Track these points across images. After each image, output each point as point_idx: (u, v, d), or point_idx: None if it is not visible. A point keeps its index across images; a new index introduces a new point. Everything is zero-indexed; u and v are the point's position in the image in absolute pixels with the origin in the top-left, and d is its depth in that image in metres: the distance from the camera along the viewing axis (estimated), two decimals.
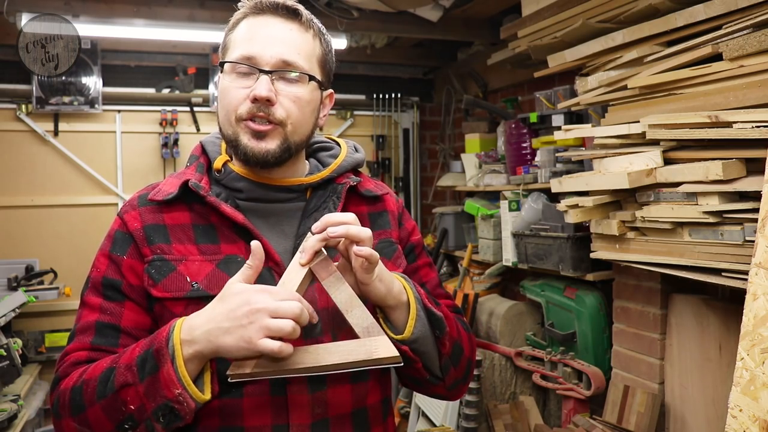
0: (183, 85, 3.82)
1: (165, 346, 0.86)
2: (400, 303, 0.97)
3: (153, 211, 1.03)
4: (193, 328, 0.86)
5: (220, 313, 0.85)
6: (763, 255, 1.25)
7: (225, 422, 0.96)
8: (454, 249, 3.62)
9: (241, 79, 1.00)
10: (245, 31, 1.02)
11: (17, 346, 2.71)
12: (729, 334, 2.02)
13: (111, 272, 1.01)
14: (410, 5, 3.01)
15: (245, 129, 0.99)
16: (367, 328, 0.90)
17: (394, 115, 4.30)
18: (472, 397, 2.75)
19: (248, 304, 0.84)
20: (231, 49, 1.03)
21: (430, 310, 1.00)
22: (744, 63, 1.68)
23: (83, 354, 0.98)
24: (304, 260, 0.91)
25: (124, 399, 0.87)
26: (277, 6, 1.02)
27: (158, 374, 0.85)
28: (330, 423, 1.00)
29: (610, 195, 2.04)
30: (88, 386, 0.91)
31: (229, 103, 1.00)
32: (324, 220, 0.91)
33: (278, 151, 1.00)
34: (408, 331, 0.96)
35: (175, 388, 0.84)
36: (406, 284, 1.00)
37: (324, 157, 1.14)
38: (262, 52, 0.99)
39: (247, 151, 1.00)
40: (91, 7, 2.95)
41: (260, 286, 0.86)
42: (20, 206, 3.56)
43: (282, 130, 1.00)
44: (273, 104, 0.99)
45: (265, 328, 0.82)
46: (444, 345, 1.02)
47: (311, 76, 1.03)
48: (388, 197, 1.17)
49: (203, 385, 0.88)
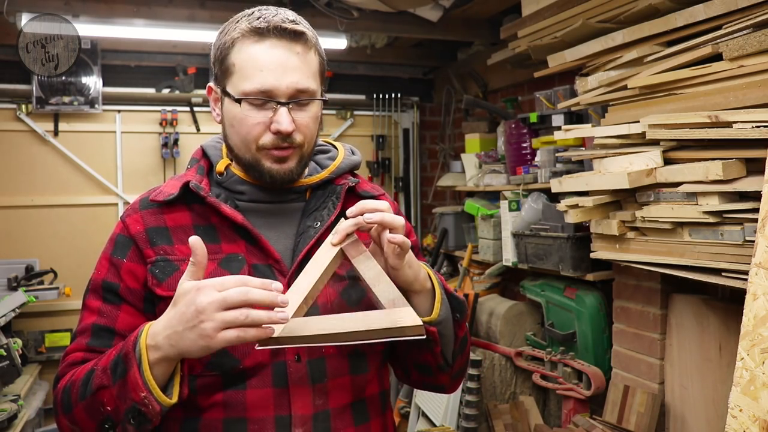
0: (183, 85, 3.82)
1: (132, 350, 0.88)
2: (425, 289, 1.01)
3: (154, 213, 1.06)
4: (156, 333, 0.88)
5: (173, 317, 0.86)
6: (763, 255, 1.25)
7: (228, 414, 0.99)
8: (454, 249, 3.62)
9: (257, 110, 1.01)
10: (252, 59, 1.00)
11: (17, 346, 2.71)
12: (729, 334, 2.02)
13: (110, 275, 1.04)
14: (410, 5, 3.01)
15: (267, 155, 1.03)
16: (393, 300, 0.92)
17: (394, 115, 4.30)
18: (472, 397, 2.75)
19: (194, 303, 0.84)
20: (239, 77, 1.01)
21: (453, 295, 1.07)
22: (744, 63, 1.68)
23: (80, 355, 1.02)
24: (336, 240, 0.95)
25: (102, 400, 0.90)
26: (283, 30, 1.01)
27: (126, 377, 0.87)
28: (331, 414, 1.02)
29: (610, 195, 2.04)
30: (74, 386, 0.95)
31: (248, 133, 1.02)
32: (360, 206, 0.94)
33: (298, 168, 1.06)
34: (435, 312, 1.01)
35: (141, 391, 0.86)
36: (430, 271, 1.04)
37: (322, 160, 1.17)
38: (278, 84, 1.00)
39: (272, 174, 1.04)
40: (91, 7, 2.95)
41: (202, 282, 0.85)
42: (20, 206, 3.56)
43: (300, 150, 1.05)
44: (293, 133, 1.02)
45: (219, 322, 0.82)
46: (462, 328, 1.09)
47: (321, 97, 1.06)
48: (384, 199, 1.19)
49: (172, 388, 0.89)
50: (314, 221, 1.07)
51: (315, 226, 1.06)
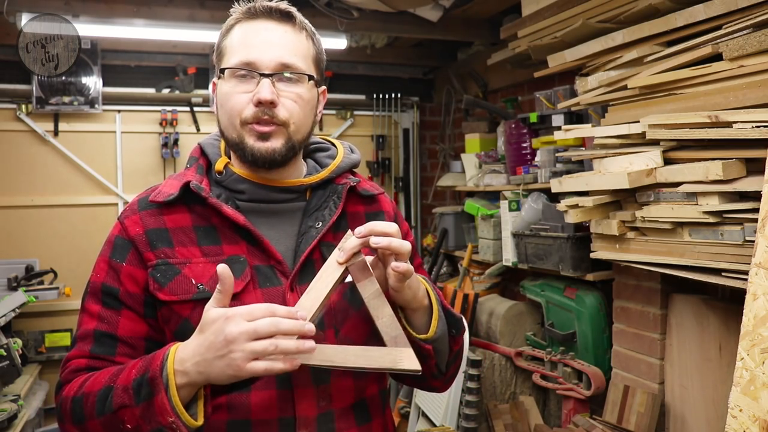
0: (183, 85, 3.82)
1: (159, 375, 0.87)
2: (422, 306, 1.02)
3: (154, 215, 1.04)
4: (184, 360, 0.88)
5: (202, 345, 0.86)
6: (763, 255, 1.25)
7: (233, 416, 0.98)
8: (454, 249, 3.62)
9: (241, 83, 1.02)
10: (241, 37, 1.04)
11: (17, 346, 2.71)
12: (729, 334, 2.02)
13: (110, 279, 1.03)
14: (410, 5, 3.01)
15: (250, 132, 1.02)
16: (395, 337, 0.95)
17: (394, 115, 4.30)
18: (472, 397, 2.75)
19: (223, 333, 0.84)
20: (228, 55, 1.05)
21: (449, 311, 1.08)
22: (744, 63, 1.68)
23: (83, 361, 1.01)
24: (342, 260, 0.95)
25: (122, 418, 0.90)
26: (271, 10, 1.04)
27: (153, 401, 0.87)
28: (334, 415, 1.02)
29: (610, 195, 2.04)
30: (88, 400, 0.94)
31: (232, 108, 1.02)
32: (369, 227, 0.94)
33: (283, 149, 1.03)
34: (432, 330, 1.02)
35: (169, 416, 0.86)
36: (429, 287, 1.05)
37: (321, 158, 1.16)
38: (261, 56, 1.01)
39: (254, 152, 1.02)
40: (91, 7, 2.95)
41: (231, 311, 0.86)
42: (20, 206, 3.56)
43: (285, 129, 1.03)
44: (276, 106, 1.01)
45: (249, 353, 0.83)
46: (457, 343, 1.10)
47: (309, 76, 1.05)
48: (383, 197, 1.20)
49: (196, 409, 0.89)
50: (316, 221, 1.07)
51: (317, 226, 1.06)
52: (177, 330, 1.00)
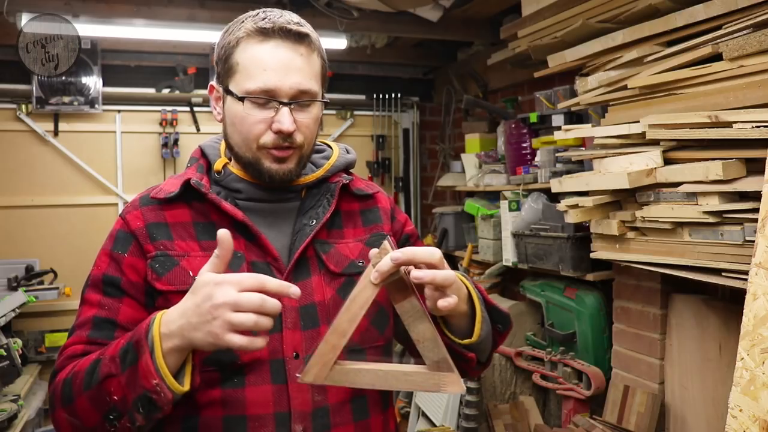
0: (183, 85, 3.82)
1: (144, 337, 0.87)
2: (463, 312, 1.00)
3: (154, 210, 1.07)
4: (170, 322, 0.87)
5: (189, 308, 0.86)
6: (763, 255, 1.25)
7: (228, 411, 0.98)
8: (454, 249, 3.62)
9: (259, 109, 1.02)
10: (256, 59, 1.02)
11: (17, 346, 2.71)
12: (729, 334, 2.02)
13: (111, 269, 1.04)
14: (410, 5, 3.01)
15: (267, 155, 1.04)
16: (437, 362, 0.88)
17: (394, 115, 4.30)
18: (472, 397, 2.75)
19: (210, 298, 0.83)
20: (242, 76, 1.02)
21: (494, 308, 1.08)
22: (744, 63, 1.68)
23: (79, 347, 1.00)
24: (377, 281, 0.87)
25: (108, 390, 0.89)
26: (288, 32, 1.02)
27: (137, 365, 0.86)
28: (330, 410, 1.02)
29: (610, 195, 2.04)
30: (77, 377, 0.93)
31: (249, 132, 1.03)
32: (410, 255, 0.86)
33: (297, 169, 1.07)
34: (476, 335, 1.00)
35: (153, 378, 0.85)
36: (470, 286, 1.03)
37: (317, 159, 1.17)
38: (281, 84, 1.01)
39: (271, 174, 1.04)
40: (91, 7, 2.95)
41: (221, 277, 0.85)
42: (20, 206, 3.56)
43: (300, 150, 1.05)
44: (294, 133, 1.03)
45: (228, 322, 0.82)
46: (503, 338, 1.11)
47: (322, 98, 1.08)
48: (380, 195, 1.21)
49: (183, 377, 0.88)
50: (310, 219, 1.08)
51: (311, 224, 1.08)
52: None
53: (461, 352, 1.00)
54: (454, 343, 1.00)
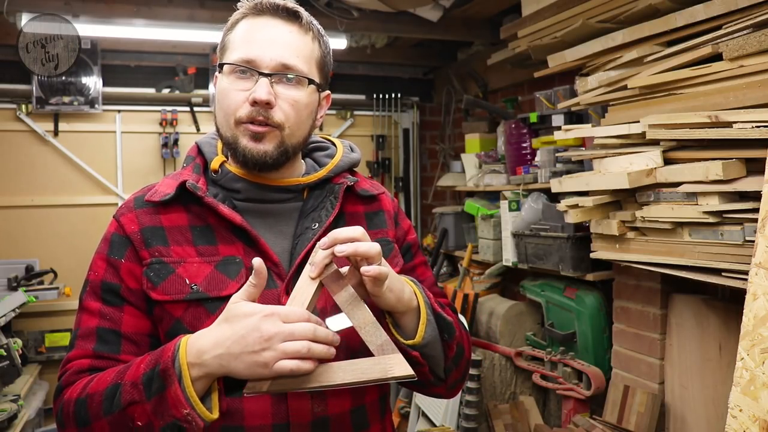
0: (183, 85, 3.82)
1: (171, 365, 0.85)
2: (410, 309, 0.97)
3: (150, 213, 1.03)
4: (202, 351, 0.85)
5: (229, 338, 0.84)
6: (763, 255, 1.25)
7: (226, 422, 0.96)
8: (454, 249, 3.62)
9: (240, 81, 1.00)
10: (244, 32, 1.02)
11: (17, 346, 2.71)
12: (729, 334, 2.02)
13: (109, 276, 1.01)
14: (410, 5, 3.01)
15: (244, 131, 0.99)
16: (381, 345, 0.90)
17: (394, 115, 4.30)
18: (472, 397, 2.75)
19: (258, 330, 0.83)
20: (230, 50, 1.02)
21: (440, 315, 1.02)
22: (744, 63, 1.68)
23: (86, 362, 0.97)
24: (314, 274, 0.90)
25: (132, 416, 0.87)
26: (278, 7, 1.02)
27: (165, 393, 0.85)
28: (330, 421, 1.00)
29: (610, 195, 2.04)
30: (93, 400, 0.90)
31: (228, 105, 1.00)
32: (332, 237, 0.89)
33: (275, 153, 1.01)
34: (419, 336, 0.97)
35: (183, 408, 0.84)
36: (416, 289, 1.00)
37: (320, 157, 1.14)
38: (262, 55, 0.99)
39: (246, 153, 1.00)
40: (91, 7, 2.95)
41: (269, 309, 0.84)
42: (20, 206, 3.56)
43: (279, 132, 1.00)
44: (272, 107, 0.99)
45: (281, 352, 0.82)
46: (451, 349, 1.04)
47: (310, 80, 1.03)
48: (384, 197, 1.17)
49: (211, 402, 0.87)
50: (312, 222, 1.04)
51: (313, 228, 1.04)
52: (169, 330, 0.98)
53: (407, 351, 0.95)
54: (399, 342, 0.95)
